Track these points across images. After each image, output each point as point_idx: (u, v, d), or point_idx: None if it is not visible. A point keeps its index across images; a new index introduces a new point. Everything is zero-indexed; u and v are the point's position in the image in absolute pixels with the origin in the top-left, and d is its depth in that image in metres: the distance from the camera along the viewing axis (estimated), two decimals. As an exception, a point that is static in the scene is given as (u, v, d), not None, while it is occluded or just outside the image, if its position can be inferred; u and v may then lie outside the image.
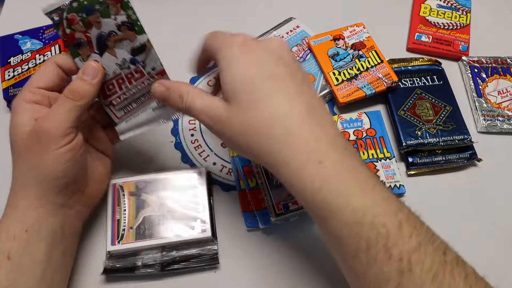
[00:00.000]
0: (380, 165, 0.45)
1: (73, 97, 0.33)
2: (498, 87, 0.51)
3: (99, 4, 0.34)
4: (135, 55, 0.36)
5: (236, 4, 0.59)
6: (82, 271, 0.39)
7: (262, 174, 0.41)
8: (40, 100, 0.35)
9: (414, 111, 0.47)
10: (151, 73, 0.36)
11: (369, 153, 0.46)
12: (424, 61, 0.52)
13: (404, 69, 0.51)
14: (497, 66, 0.52)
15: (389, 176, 0.44)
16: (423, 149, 0.46)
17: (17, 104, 0.34)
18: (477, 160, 0.46)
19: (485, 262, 0.29)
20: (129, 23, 0.35)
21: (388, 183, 0.44)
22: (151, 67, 0.36)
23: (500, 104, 0.50)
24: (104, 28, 0.34)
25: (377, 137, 0.47)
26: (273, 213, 0.40)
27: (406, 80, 0.50)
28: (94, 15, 0.34)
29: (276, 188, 0.40)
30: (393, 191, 0.43)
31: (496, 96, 0.50)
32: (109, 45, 0.35)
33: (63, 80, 0.36)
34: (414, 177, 0.46)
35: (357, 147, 0.46)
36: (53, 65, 0.35)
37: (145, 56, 0.36)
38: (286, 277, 0.40)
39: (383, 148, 0.46)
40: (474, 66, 0.53)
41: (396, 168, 0.45)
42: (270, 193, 0.40)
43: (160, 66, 0.36)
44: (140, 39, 0.35)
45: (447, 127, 0.46)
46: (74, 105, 0.33)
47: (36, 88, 0.35)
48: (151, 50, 0.36)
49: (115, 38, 0.35)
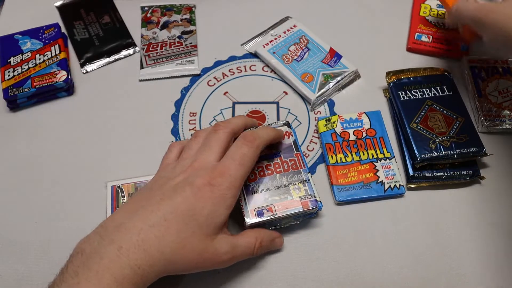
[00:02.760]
0: (380, 165, 0.45)
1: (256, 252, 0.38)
2: (498, 87, 0.51)
3: (177, 8, 0.58)
4: (183, 35, 0.55)
5: (232, 3, 0.59)
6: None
7: None
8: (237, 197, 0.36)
9: (427, 123, 0.46)
10: (187, 45, 0.55)
11: (369, 153, 0.46)
12: (433, 71, 0.50)
13: (413, 79, 0.49)
14: (497, 66, 0.52)
15: (389, 177, 0.44)
16: (437, 163, 0.44)
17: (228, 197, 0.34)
18: (480, 178, 0.45)
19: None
20: (189, 19, 0.57)
21: (388, 184, 0.44)
22: (189, 42, 0.55)
23: (501, 104, 0.49)
24: (172, 18, 0.57)
25: (377, 137, 0.47)
26: (247, 216, 0.39)
27: (416, 91, 0.48)
28: (170, 11, 0.57)
29: (252, 194, 0.40)
30: (392, 191, 0.43)
31: (497, 96, 0.50)
32: (169, 26, 0.56)
33: None
34: (414, 190, 0.45)
35: (357, 147, 0.46)
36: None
37: (189, 36, 0.56)
38: (286, 277, 0.40)
39: (383, 148, 0.46)
40: (474, 66, 0.52)
41: (396, 168, 0.45)
42: (245, 199, 0.40)
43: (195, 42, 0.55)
44: (191, 27, 0.56)
45: (461, 139, 0.45)
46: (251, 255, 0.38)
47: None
48: (195, 35, 0.56)
49: (175, 24, 0.56)
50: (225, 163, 0.35)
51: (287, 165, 0.41)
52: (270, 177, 0.40)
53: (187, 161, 0.37)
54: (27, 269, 0.40)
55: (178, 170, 0.36)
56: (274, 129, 0.41)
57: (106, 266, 0.30)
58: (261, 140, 0.38)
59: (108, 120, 0.50)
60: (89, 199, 0.44)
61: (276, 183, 0.40)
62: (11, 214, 0.44)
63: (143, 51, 0.54)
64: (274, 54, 0.53)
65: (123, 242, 0.31)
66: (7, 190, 0.45)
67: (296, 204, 0.39)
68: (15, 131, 0.49)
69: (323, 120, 0.48)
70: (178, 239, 0.32)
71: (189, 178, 0.34)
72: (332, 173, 0.45)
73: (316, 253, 0.41)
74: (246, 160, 0.36)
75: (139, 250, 0.31)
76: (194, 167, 0.35)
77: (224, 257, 0.34)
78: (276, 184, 0.40)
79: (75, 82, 0.52)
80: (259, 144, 0.37)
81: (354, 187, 0.44)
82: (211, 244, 0.34)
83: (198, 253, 0.33)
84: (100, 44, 0.55)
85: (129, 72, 0.53)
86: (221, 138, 0.37)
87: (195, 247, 0.33)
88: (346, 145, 0.46)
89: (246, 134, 0.37)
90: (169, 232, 0.32)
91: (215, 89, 0.52)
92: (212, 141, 0.37)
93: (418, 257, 0.41)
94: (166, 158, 0.39)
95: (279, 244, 0.40)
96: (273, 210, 0.39)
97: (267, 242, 0.38)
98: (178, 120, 0.50)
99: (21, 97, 0.49)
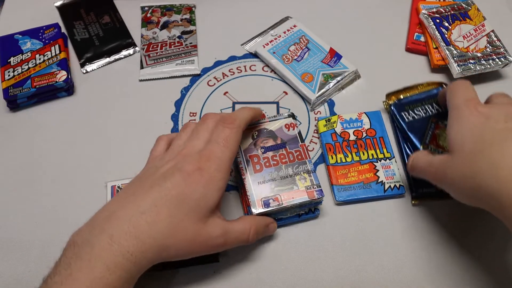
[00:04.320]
0: (380, 166, 0.45)
1: (251, 239, 0.37)
2: (461, 32, 0.52)
3: (177, 8, 0.58)
4: (183, 35, 0.56)
5: (232, 3, 0.59)
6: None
7: (245, 171, 0.41)
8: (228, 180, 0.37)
9: (437, 143, 0.44)
10: (187, 45, 0.55)
11: (369, 153, 0.46)
12: (430, 85, 0.49)
13: (415, 97, 0.48)
14: (455, 13, 0.54)
15: (388, 177, 0.44)
16: None
17: (217, 179, 0.35)
18: None
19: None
20: (189, 19, 0.57)
21: (388, 184, 0.44)
22: (189, 42, 0.55)
23: (468, 48, 0.51)
24: (172, 18, 0.57)
25: (377, 137, 0.47)
26: (254, 206, 0.39)
27: (419, 109, 0.47)
28: (170, 11, 0.58)
29: (258, 184, 0.40)
30: (392, 191, 0.43)
31: (462, 41, 0.52)
32: (169, 26, 0.56)
33: None
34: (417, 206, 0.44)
35: (357, 147, 0.46)
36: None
37: (189, 36, 0.56)
38: (286, 277, 0.40)
39: (383, 149, 0.46)
40: (435, 17, 0.54)
41: (396, 168, 0.45)
42: (252, 189, 0.40)
43: (195, 42, 0.56)
44: (191, 27, 0.56)
45: None
46: (246, 243, 0.37)
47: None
48: (195, 35, 0.56)
49: (175, 24, 0.57)
50: (210, 147, 0.36)
51: (292, 156, 0.42)
52: (276, 167, 0.41)
53: (176, 150, 0.37)
54: (27, 269, 0.40)
55: (167, 159, 0.36)
56: (251, 108, 0.41)
57: (98, 255, 0.30)
58: (241, 120, 0.38)
59: (108, 120, 0.50)
60: (89, 199, 0.44)
61: (282, 173, 0.41)
62: (11, 214, 0.44)
63: (143, 51, 0.54)
64: (274, 54, 0.53)
65: (114, 230, 0.31)
66: (7, 190, 0.45)
67: (302, 194, 0.40)
68: (15, 131, 0.49)
69: (323, 120, 0.48)
70: (169, 224, 0.32)
71: (178, 165, 0.35)
72: (332, 173, 0.45)
73: (316, 253, 0.41)
74: (230, 142, 0.36)
75: (131, 237, 0.31)
76: (182, 154, 0.36)
77: (217, 240, 0.34)
78: (282, 174, 0.41)
79: (75, 82, 0.52)
80: (240, 124, 0.38)
81: (354, 187, 0.44)
82: (203, 227, 0.34)
83: (190, 237, 0.33)
84: (100, 44, 0.55)
85: (129, 72, 0.53)
86: (209, 127, 0.37)
87: (187, 231, 0.33)
88: (346, 145, 0.46)
89: (225, 116, 0.38)
90: (160, 218, 0.32)
91: (215, 89, 0.52)
92: (200, 130, 0.37)
93: (418, 257, 0.41)
94: (154, 151, 0.40)
95: (273, 229, 0.40)
96: (279, 200, 0.39)
97: (261, 228, 0.38)
98: (178, 120, 0.50)
99: (21, 97, 0.49)
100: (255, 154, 0.42)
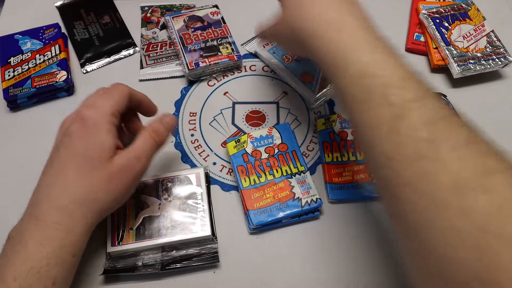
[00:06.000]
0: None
1: (156, 138, 0.37)
2: (461, 33, 0.53)
3: (177, 8, 0.59)
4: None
5: (232, 3, 0.59)
6: (82, 271, 0.39)
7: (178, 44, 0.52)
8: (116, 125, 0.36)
9: None
10: None
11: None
12: None
13: None
14: (455, 13, 0.54)
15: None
16: None
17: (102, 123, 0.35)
18: None
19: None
20: None
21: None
22: None
23: (468, 48, 0.51)
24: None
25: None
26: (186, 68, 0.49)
27: None
28: (170, 11, 0.58)
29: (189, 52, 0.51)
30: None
31: (462, 41, 0.52)
32: (169, 26, 0.55)
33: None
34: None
35: (354, 147, 0.46)
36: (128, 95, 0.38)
37: None
38: (285, 277, 0.40)
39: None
40: (434, 17, 0.54)
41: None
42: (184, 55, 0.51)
43: None
44: None
45: None
46: (155, 144, 0.37)
47: (118, 112, 0.36)
48: None
49: None
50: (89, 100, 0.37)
51: (217, 33, 0.54)
52: (203, 40, 0.53)
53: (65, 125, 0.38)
54: (27, 269, 0.40)
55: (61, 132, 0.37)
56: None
57: (29, 237, 0.32)
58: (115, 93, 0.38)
59: (108, 120, 0.50)
60: (89, 199, 0.44)
61: (208, 44, 0.52)
62: (11, 214, 0.43)
63: (143, 51, 0.54)
64: (274, 54, 0.53)
65: (38, 212, 0.33)
66: (7, 190, 0.45)
67: (225, 58, 0.51)
68: (15, 131, 0.49)
69: (322, 119, 0.48)
70: (82, 181, 0.34)
71: (67, 131, 0.35)
72: (326, 171, 0.45)
73: (316, 253, 0.41)
74: (112, 94, 0.37)
75: (53, 210, 0.33)
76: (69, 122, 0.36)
77: (133, 164, 0.35)
78: (208, 45, 0.52)
79: (75, 82, 0.52)
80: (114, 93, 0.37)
81: (348, 186, 0.44)
82: (112, 165, 0.34)
83: (107, 179, 0.34)
84: (100, 44, 0.55)
85: (129, 72, 0.53)
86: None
87: (101, 177, 0.34)
88: (343, 145, 0.46)
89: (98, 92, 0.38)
90: (69, 180, 0.34)
91: (215, 89, 0.52)
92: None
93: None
94: None
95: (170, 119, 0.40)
96: (207, 62, 0.50)
97: (157, 125, 0.38)
98: (178, 120, 0.50)
99: (21, 97, 0.49)
100: (186, 32, 0.53)
